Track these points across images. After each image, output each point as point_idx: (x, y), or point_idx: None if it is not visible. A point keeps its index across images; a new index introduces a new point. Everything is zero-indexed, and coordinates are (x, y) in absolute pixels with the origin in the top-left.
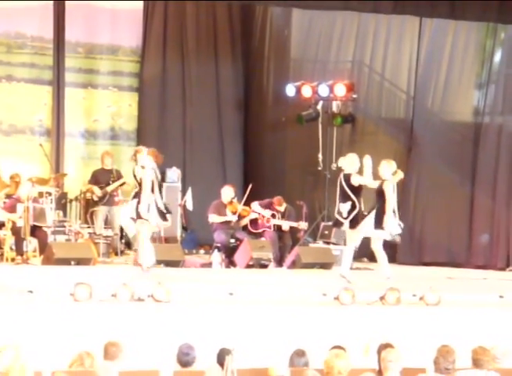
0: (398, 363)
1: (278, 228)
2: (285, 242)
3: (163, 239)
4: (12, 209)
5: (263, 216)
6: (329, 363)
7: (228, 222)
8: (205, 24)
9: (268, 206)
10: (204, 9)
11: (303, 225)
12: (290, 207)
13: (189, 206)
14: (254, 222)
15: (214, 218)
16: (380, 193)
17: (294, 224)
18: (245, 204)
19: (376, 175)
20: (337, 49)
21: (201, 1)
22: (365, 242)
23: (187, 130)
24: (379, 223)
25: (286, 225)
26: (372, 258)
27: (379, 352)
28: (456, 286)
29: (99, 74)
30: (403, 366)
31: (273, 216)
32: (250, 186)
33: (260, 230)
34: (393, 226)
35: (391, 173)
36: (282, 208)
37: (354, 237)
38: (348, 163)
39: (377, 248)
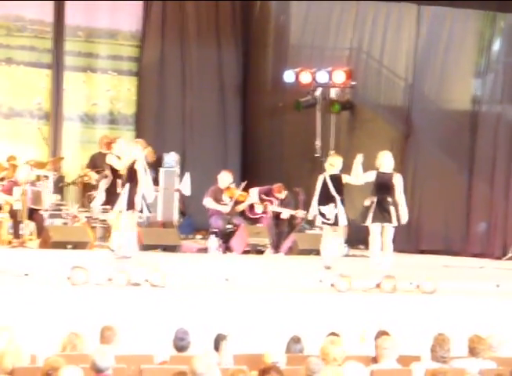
0: (394, 351)
1: (276, 215)
2: (282, 228)
3: (160, 223)
4: (9, 192)
5: (262, 202)
6: (324, 350)
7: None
8: (205, 9)
9: (268, 193)
10: None
11: (301, 213)
12: (290, 195)
13: (187, 191)
14: (251, 207)
15: (209, 203)
16: (389, 186)
17: (292, 212)
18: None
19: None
20: (335, 36)
21: None
22: (361, 229)
23: (186, 115)
24: (397, 217)
25: (286, 213)
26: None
27: (375, 339)
28: (452, 274)
29: (99, 58)
30: (399, 354)
31: (271, 203)
32: (243, 184)
33: (257, 216)
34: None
35: (391, 165)
36: (282, 195)
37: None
38: (337, 163)
39: (388, 239)
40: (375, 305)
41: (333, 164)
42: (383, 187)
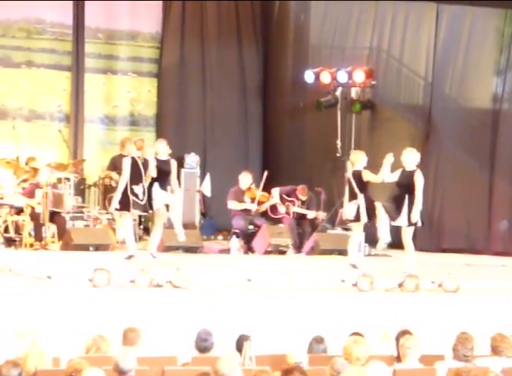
0: (417, 350)
1: (298, 215)
2: (304, 228)
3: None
4: (31, 195)
5: (283, 202)
6: (347, 350)
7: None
8: (225, 10)
9: (290, 193)
10: None
11: (321, 215)
12: (313, 196)
13: (207, 192)
14: (273, 207)
15: (233, 205)
16: (410, 185)
17: (313, 214)
18: (263, 191)
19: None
20: (354, 35)
21: None
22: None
23: (207, 116)
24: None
25: (309, 215)
26: (391, 245)
27: (397, 338)
28: (474, 273)
29: (119, 60)
30: (421, 353)
31: (293, 203)
32: (265, 174)
33: (279, 216)
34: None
35: (415, 163)
36: (305, 198)
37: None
38: (357, 160)
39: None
40: (397, 305)
41: (353, 161)
42: (402, 185)
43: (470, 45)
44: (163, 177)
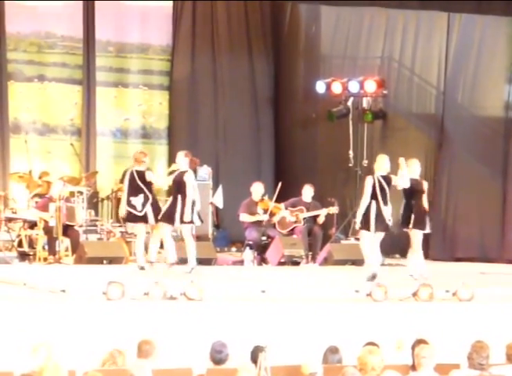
0: (432, 359)
1: (309, 221)
2: (316, 234)
3: (194, 237)
4: (44, 208)
5: (291, 213)
6: (362, 360)
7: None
8: (235, 21)
9: (296, 203)
10: (235, 6)
11: (333, 209)
12: (315, 202)
13: (219, 203)
14: (282, 223)
15: (245, 218)
16: (418, 192)
17: (325, 210)
18: (276, 202)
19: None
20: (366, 45)
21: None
22: (397, 238)
23: (219, 127)
24: (422, 223)
25: (322, 216)
26: (404, 254)
27: (413, 348)
28: (488, 281)
29: (130, 73)
30: (437, 362)
31: (301, 211)
32: (279, 185)
33: (288, 229)
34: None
35: (419, 172)
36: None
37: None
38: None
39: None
40: (412, 314)
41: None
42: (413, 193)
43: (481, 53)
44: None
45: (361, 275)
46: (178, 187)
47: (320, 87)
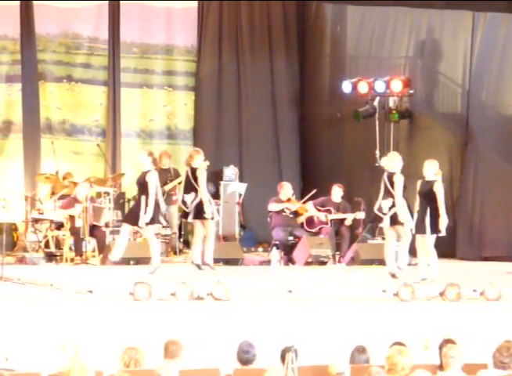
0: (460, 359)
1: (336, 222)
2: (343, 235)
3: (221, 237)
4: (69, 207)
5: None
6: (392, 360)
7: (286, 220)
8: (260, 22)
9: (325, 203)
10: (259, 7)
11: (360, 215)
12: (345, 202)
13: (241, 190)
14: (309, 221)
15: (273, 207)
16: (430, 194)
17: (352, 215)
18: (303, 203)
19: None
20: (391, 44)
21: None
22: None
23: (244, 128)
24: (435, 226)
25: (349, 219)
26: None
27: (440, 347)
28: None
29: (154, 74)
30: (465, 362)
31: (329, 212)
32: (313, 192)
33: (316, 229)
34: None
35: (434, 173)
36: (342, 190)
37: (392, 234)
38: (391, 162)
39: (429, 247)
40: (439, 314)
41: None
42: (423, 196)
43: (506, 51)
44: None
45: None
46: (141, 188)
47: (346, 87)
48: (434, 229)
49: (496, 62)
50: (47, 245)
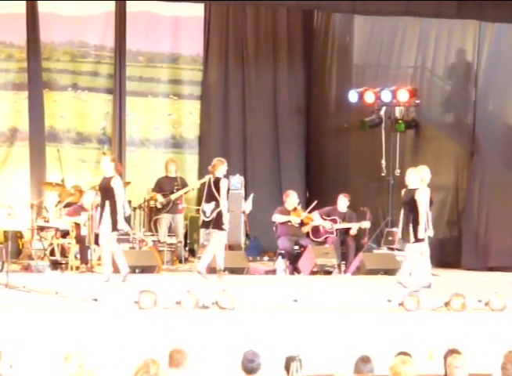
0: (465, 369)
1: (341, 232)
2: (348, 245)
3: (227, 246)
4: (75, 215)
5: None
6: (396, 370)
7: (292, 229)
8: (265, 31)
9: (330, 212)
10: (264, 16)
11: (365, 224)
12: (351, 212)
13: (247, 209)
14: (315, 230)
15: (277, 218)
16: (412, 203)
17: (357, 224)
18: (309, 213)
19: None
20: (398, 54)
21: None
22: (431, 249)
23: (248, 137)
24: (415, 235)
25: (354, 229)
26: (437, 264)
27: (445, 357)
28: None
29: (160, 83)
30: (469, 372)
31: (334, 221)
32: (314, 203)
33: (322, 238)
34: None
35: (419, 180)
36: (348, 200)
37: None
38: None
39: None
40: (444, 324)
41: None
42: (406, 204)
43: None
44: None
45: (393, 284)
46: (105, 194)
47: (353, 96)
48: (414, 237)
49: (503, 72)
50: (52, 253)
